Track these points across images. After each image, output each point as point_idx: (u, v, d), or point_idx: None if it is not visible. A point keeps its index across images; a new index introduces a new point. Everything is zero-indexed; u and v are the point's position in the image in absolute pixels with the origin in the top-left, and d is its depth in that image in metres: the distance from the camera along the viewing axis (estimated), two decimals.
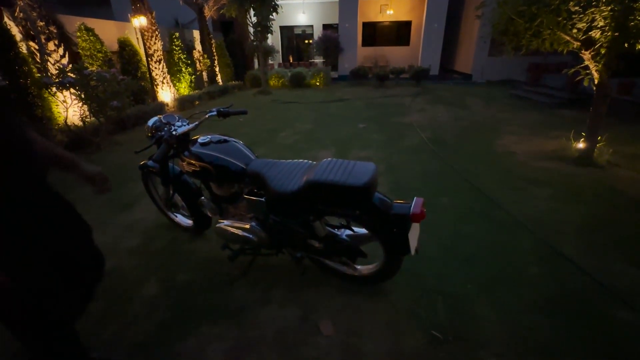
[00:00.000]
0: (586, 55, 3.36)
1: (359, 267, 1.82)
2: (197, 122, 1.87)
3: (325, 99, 8.85)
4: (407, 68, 12.34)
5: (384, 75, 11.09)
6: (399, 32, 14.54)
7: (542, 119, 5.97)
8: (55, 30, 5.03)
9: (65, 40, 5.45)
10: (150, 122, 1.91)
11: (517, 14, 3.27)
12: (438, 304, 1.76)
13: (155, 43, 7.19)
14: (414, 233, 1.46)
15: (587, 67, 3.49)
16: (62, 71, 4.53)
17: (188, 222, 2.48)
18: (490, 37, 10.46)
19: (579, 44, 3.33)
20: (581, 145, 3.84)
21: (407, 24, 14.34)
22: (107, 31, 6.79)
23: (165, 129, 1.81)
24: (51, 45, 4.96)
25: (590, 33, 3.19)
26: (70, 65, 4.64)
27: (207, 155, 1.74)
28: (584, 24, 3.18)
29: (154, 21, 7.10)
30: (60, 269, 1.16)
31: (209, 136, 1.84)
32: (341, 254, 1.72)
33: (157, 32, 7.19)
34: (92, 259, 1.31)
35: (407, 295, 1.82)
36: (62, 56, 5.08)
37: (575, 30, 3.32)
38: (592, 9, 3.01)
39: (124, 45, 6.82)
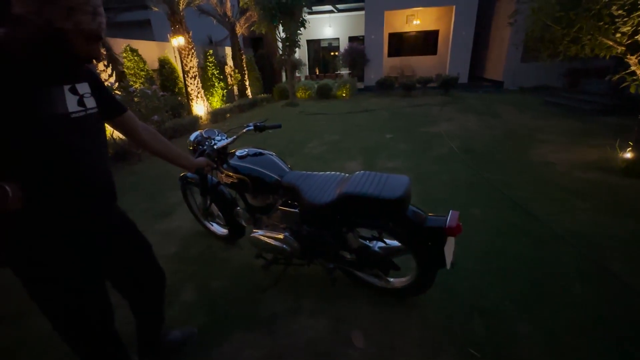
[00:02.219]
0: (632, 60, 3.18)
1: (391, 279, 1.81)
2: (234, 137, 1.97)
3: (352, 109, 8.92)
4: (435, 77, 12.17)
5: (410, 85, 11.01)
6: (426, 42, 14.43)
7: (582, 127, 5.65)
8: (104, 52, 5.51)
9: (113, 60, 5.95)
10: (192, 136, 2.05)
11: (554, 20, 3.17)
12: (474, 320, 1.70)
13: (191, 60, 7.64)
14: (450, 247, 1.44)
15: (633, 73, 3.29)
16: (110, 89, 4.94)
17: (223, 230, 2.59)
18: (524, 43, 10.16)
19: (623, 48, 3.15)
20: (628, 154, 3.60)
21: (434, 33, 14.21)
22: (149, 51, 7.33)
23: (207, 143, 1.94)
24: (101, 66, 5.43)
25: (636, 37, 3.03)
26: (117, 84, 5.05)
27: (244, 167, 1.83)
28: (629, 28, 3.03)
29: (190, 40, 7.57)
30: (125, 284, 1.28)
31: (246, 149, 1.93)
32: (373, 266, 1.73)
33: (193, 50, 7.65)
34: (153, 274, 1.38)
35: (440, 310, 1.78)
36: (110, 75, 5.54)
37: (619, 35, 3.16)
38: (639, 12, 2.86)
39: (164, 64, 7.32)
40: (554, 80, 10.09)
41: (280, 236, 1.90)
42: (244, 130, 1.98)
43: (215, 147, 1.88)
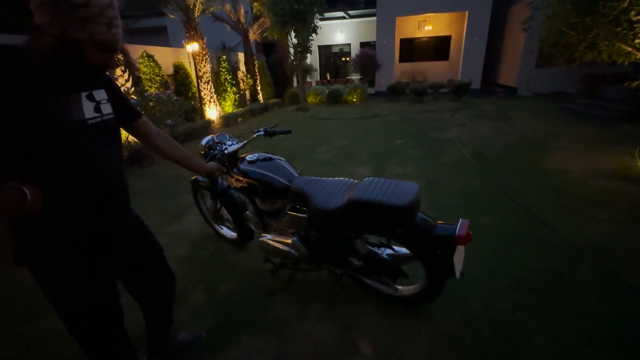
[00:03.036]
0: None
1: (399, 287, 1.79)
2: (245, 141, 2.00)
3: (362, 114, 8.92)
4: (446, 82, 12.07)
5: (422, 91, 10.94)
6: (438, 47, 14.36)
7: (599, 134, 5.50)
8: (122, 58, 5.68)
9: (129, 66, 6.13)
10: (204, 141, 2.09)
11: (569, 26, 3.12)
12: (484, 331, 1.67)
13: (205, 66, 7.80)
14: (459, 256, 1.42)
15: None
16: (126, 94, 5.09)
17: (232, 234, 2.61)
18: (538, 49, 9.99)
19: None
20: None
21: (446, 39, 14.14)
22: (165, 57, 7.52)
23: (218, 147, 1.97)
24: (118, 71, 5.60)
25: None
26: (133, 88, 5.20)
27: (254, 172, 1.85)
28: None
29: (204, 46, 7.74)
30: (137, 286, 1.31)
31: (256, 154, 1.96)
32: (381, 273, 1.72)
33: (207, 56, 7.82)
34: (164, 277, 1.41)
35: (450, 319, 1.75)
36: (127, 80, 5.71)
37: (638, 41, 3.08)
38: None
39: (178, 69, 7.50)
40: (570, 86, 9.87)
41: (289, 241, 1.91)
42: (254, 136, 2.01)
43: (226, 151, 1.91)
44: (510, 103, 9.58)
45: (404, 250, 1.75)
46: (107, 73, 1.04)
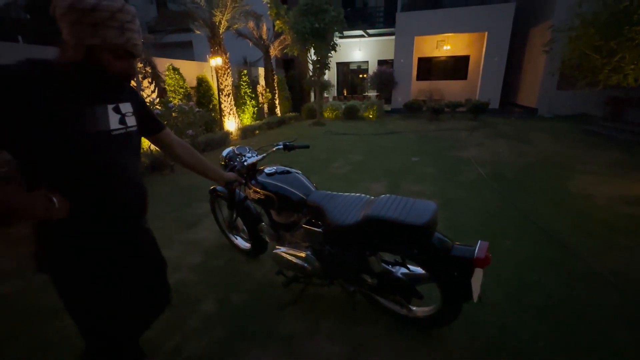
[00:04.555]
0: None
1: (414, 308, 1.75)
2: (264, 154, 2.04)
3: (378, 131, 8.95)
4: (464, 101, 12.01)
5: (439, 109, 10.91)
6: (456, 67, 14.38)
7: (625, 159, 5.30)
8: (150, 70, 5.96)
9: (156, 78, 6.41)
10: (225, 152, 2.15)
11: (593, 49, 3.09)
12: None
13: (226, 79, 8.07)
14: (477, 279, 1.38)
15: None
16: (151, 104, 5.31)
17: (246, 245, 2.63)
18: (560, 71, 9.85)
19: None
20: None
21: (464, 58, 14.16)
22: (189, 70, 7.84)
23: (238, 159, 2.02)
24: (145, 83, 5.87)
25: None
26: (158, 99, 5.42)
27: (271, 184, 1.88)
28: None
29: (227, 61, 8.03)
30: (135, 298, 1.29)
31: (275, 167, 1.99)
32: (395, 292, 1.68)
33: (229, 70, 8.10)
34: (161, 294, 1.40)
35: (465, 345, 1.69)
36: (153, 91, 5.97)
37: None
38: None
39: (201, 82, 7.79)
40: (593, 108, 9.63)
41: (302, 254, 1.91)
42: (274, 149, 2.05)
43: (245, 163, 1.96)
44: (530, 124, 9.40)
45: (418, 269, 1.72)
46: (133, 84, 1.08)
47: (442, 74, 14.64)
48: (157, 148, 5.48)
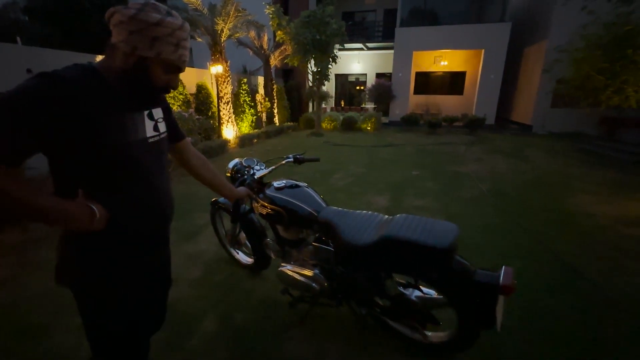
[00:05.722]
0: None
1: (429, 333, 1.67)
2: (273, 167, 1.98)
3: (376, 143, 8.96)
4: (461, 116, 12.17)
5: (436, 123, 11.03)
6: (453, 82, 14.64)
7: (622, 178, 5.36)
8: None
9: None
10: (231, 164, 2.07)
11: (598, 70, 3.12)
12: None
13: (226, 87, 8.04)
14: (500, 306, 1.32)
15: None
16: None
17: (248, 260, 2.54)
18: (553, 90, 10.04)
19: None
20: None
21: (461, 74, 14.43)
22: (189, 76, 7.80)
23: (246, 171, 1.95)
24: None
25: None
26: None
27: (281, 199, 1.81)
28: None
29: (227, 69, 8.01)
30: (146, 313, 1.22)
31: (284, 181, 1.92)
32: (410, 317, 1.61)
33: (229, 78, 8.08)
34: (159, 314, 1.31)
35: None
36: None
37: None
38: None
39: (201, 89, 7.74)
40: (586, 127, 9.82)
41: (310, 273, 1.83)
42: (283, 162, 1.99)
43: (255, 177, 1.89)
44: (525, 140, 9.52)
45: (432, 292, 1.65)
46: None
47: (439, 88, 14.88)
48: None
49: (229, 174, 2.07)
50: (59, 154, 0.84)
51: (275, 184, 1.91)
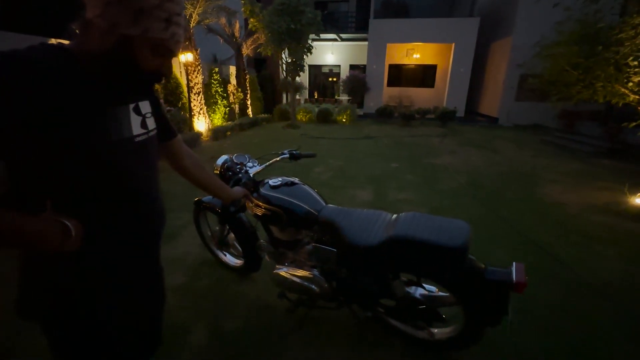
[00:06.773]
0: None
1: (435, 330, 1.65)
2: (266, 164, 1.84)
3: (353, 135, 8.96)
4: (433, 109, 12.49)
5: (409, 115, 11.24)
6: (424, 75, 14.96)
7: (584, 168, 5.75)
8: None
9: None
10: (220, 160, 1.90)
11: (572, 65, 3.26)
12: None
13: (196, 77, 7.60)
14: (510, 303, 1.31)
15: None
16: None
17: (236, 261, 2.39)
18: (518, 82, 10.57)
19: (637, 97, 3.24)
20: (639, 200, 3.62)
21: (432, 67, 14.77)
22: None
23: (238, 168, 1.79)
24: None
25: None
26: None
27: (278, 198, 1.69)
28: None
29: (198, 57, 7.56)
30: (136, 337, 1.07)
31: (279, 178, 1.80)
32: (417, 316, 1.57)
33: (199, 67, 7.63)
34: (155, 334, 1.17)
35: None
36: None
37: (631, 84, 3.26)
38: None
39: (169, 78, 7.24)
40: (547, 120, 10.47)
41: (309, 275, 1.73)
42: (278, 158, 1.86)
43: (251, 175, 1.74)
44: (493, 132, 9.98)
45: (433, 288, 1.62)
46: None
47: (412, 81, 15.15)
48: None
49: (217, 172, 1.90)
50: (21, 158, 0.67)
51: (271, 182, 1.78)
